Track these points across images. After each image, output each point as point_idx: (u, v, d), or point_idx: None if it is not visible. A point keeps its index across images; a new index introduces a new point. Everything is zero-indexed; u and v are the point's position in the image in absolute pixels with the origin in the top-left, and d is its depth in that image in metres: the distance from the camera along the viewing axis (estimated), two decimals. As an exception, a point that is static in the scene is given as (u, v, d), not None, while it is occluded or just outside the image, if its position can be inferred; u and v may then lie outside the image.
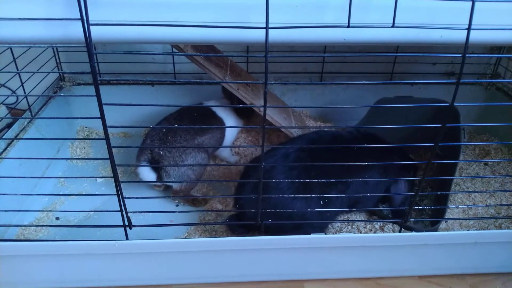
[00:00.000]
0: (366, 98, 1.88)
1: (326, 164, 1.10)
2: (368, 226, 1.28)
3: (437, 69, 1.98)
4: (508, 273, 1.18)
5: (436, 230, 1.24)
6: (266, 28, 0.71)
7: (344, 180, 1.14)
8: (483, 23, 0.75)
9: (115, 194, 0.94)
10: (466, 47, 0.76)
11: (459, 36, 0.75)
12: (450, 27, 0.75)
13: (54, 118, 1.63)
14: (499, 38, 0.80)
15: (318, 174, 1.11)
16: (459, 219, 1.33)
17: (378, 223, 1.28)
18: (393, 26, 0.73)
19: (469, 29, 0.73)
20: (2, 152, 1.35)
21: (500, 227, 1.30)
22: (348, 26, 0.73)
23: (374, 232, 1.25)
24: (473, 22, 0.73)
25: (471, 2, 0.71)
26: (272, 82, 0.89)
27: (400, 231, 1.14)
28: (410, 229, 1.22)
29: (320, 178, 1.07)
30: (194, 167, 1.44)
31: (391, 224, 1.28)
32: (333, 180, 1.11)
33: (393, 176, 1.28)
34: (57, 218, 1.37)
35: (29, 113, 1.56)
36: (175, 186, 1.44)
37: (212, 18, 0.73)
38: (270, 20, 0.70)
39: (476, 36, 0.76)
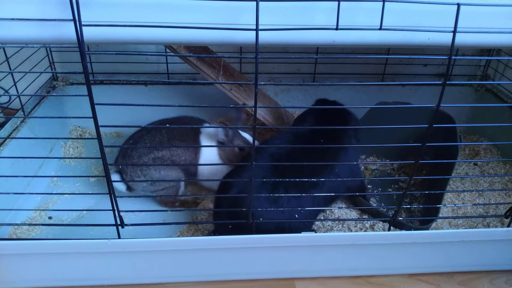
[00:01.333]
0: (358, 98, 1.90)
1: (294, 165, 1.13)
2: (358, 225, 1.29)
3: (428, 70, 2.00)
4: (496, 271, 1.20)
5: (426, 228, 1.26)
6: (256, 30, 0.72)
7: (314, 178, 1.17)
8: (469, 26, 0.77)
9: (107, 193, 0.95)
10: (452, 49, 0.77)
11: (446, 38, 0.77)
12: (437, 30, 0.77)
13: (47, 117, 1.62)
14: (485, 40, 0.82)
15: (290, 175, 1.12)
16: (447, 217, 1.35)
17: (369, 222, 1.30)
18: (380, 28, 0.75)
19: (454, 31, 0.75)
20: (-6, 151, 1.35)
21: (488, 226, 1.32)
22: (336, 29, 0.74)
23: (365, 231, 1.27)
24: (459, 25, 0.74)
25: (456, 6, 0.73)
26: (263, 83, 0.90)
27: (389, 230, 1.16)
28: (400, 226, 1.23)
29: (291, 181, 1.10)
30: (164, 183, 1.37)
31: (381, 223, 1.29)
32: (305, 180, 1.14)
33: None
34: (50, 218, 1.37)
35: (22, 113, 1.56)
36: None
37: (203, 20, 0.74)
38: (260, 22, 0.72)
39: (462, 38, 0.78)
